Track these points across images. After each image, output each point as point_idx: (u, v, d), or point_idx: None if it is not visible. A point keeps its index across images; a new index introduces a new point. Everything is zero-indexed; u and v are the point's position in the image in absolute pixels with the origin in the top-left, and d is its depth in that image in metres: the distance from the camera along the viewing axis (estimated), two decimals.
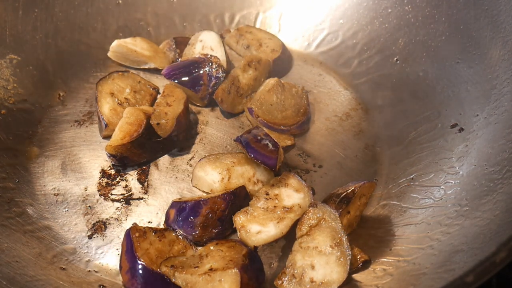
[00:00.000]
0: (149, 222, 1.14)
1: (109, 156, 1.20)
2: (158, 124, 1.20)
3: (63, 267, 1.05)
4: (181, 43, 1.48)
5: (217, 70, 1.32)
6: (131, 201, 1.19)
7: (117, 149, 1.17)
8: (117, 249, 1.09)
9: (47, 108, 1.35)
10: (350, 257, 0.98)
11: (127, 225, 1.13)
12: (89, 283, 1.02)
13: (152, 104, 1.33)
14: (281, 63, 1.46)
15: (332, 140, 1.33)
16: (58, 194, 1.19)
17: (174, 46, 1.47)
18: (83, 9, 1.49)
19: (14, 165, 1.21)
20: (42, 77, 1.38)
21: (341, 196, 1.10)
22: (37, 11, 1.41)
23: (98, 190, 1.20)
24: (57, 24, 1.45)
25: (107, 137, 1.27)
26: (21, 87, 1.33)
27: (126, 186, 1.21)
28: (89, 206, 1.17)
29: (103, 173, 1.23)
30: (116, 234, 1.12)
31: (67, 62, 1.44)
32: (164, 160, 1.27)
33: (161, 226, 1.12)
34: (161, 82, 1.40)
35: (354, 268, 1.02)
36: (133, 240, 1.02)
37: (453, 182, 1.11)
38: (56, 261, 1.05)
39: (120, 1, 1.53)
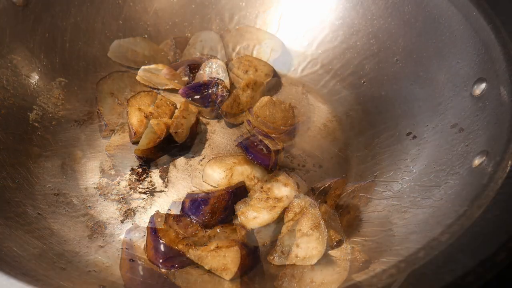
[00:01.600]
0: (168, 209, 1.17)
1: (137, 158, 1.25)
2: (175, 132, 1.27)
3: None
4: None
5: (222, 90, 1.38)
6: (154, 193, 1.21)
7: (144, 152, 1.24)
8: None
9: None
10: (326, 237, 1.04)
11: (151, 211, 1.18)
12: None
13: (171, 117, 1.36)
14: (273, 84, 1.52)
15: (313, 145, 1.36)
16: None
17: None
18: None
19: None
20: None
21: (320, 189, 1.17)
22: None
23: (129, 185, 1.21)
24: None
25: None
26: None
27: (151, 181, 1.24)
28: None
29: (133, 171, 1.25)
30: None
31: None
32: (181, 161, 1.29)
33: (178, 213, 1.15)
34: (178, 99, 1.42)
35: (330, 246, 1.07)
36: (156, 223, 1.08)
37: (408, 178, 1.18)
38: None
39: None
